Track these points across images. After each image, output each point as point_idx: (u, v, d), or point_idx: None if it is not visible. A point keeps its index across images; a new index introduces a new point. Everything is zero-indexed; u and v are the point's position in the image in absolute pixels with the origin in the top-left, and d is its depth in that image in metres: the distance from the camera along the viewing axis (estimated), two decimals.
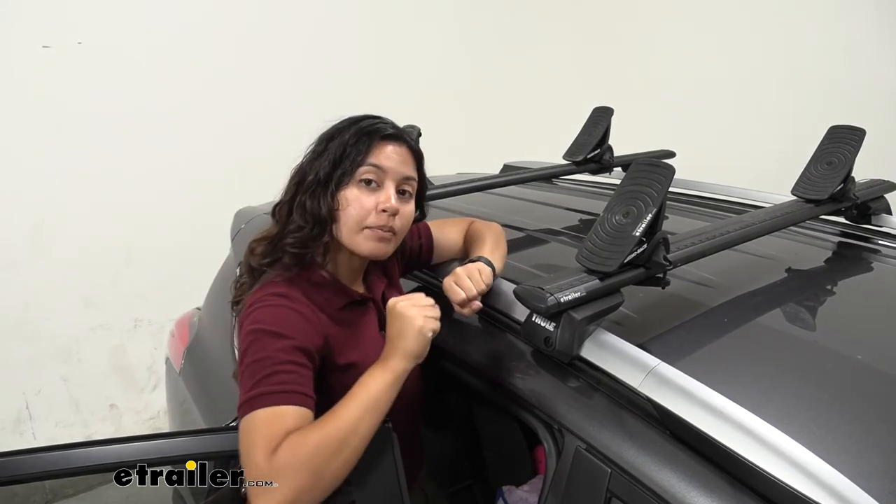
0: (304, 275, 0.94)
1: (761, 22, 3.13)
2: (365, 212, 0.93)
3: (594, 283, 0.86)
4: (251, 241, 1.00)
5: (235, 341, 0.95)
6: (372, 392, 0.82)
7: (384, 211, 0.94)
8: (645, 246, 0.88)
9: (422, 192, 1.05)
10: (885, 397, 0.79)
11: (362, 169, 0.93)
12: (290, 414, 0.78)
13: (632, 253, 0.87)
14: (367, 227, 0.94)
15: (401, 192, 0.97)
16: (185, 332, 1.79)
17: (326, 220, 0.93)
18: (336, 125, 0.98)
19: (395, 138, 0.97)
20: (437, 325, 0.89)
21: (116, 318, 2.69)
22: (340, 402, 0.81)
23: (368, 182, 0.94)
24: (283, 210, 0.97)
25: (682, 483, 0.69)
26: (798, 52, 3.01)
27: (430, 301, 0.90)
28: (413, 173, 0.99)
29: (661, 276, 0.92)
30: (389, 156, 0.95)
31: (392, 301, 0.90)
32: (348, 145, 0.93)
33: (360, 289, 1.04)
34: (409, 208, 1.00)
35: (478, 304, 0.98)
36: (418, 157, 1.01)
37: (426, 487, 1.38)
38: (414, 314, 0.87)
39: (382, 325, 1.03)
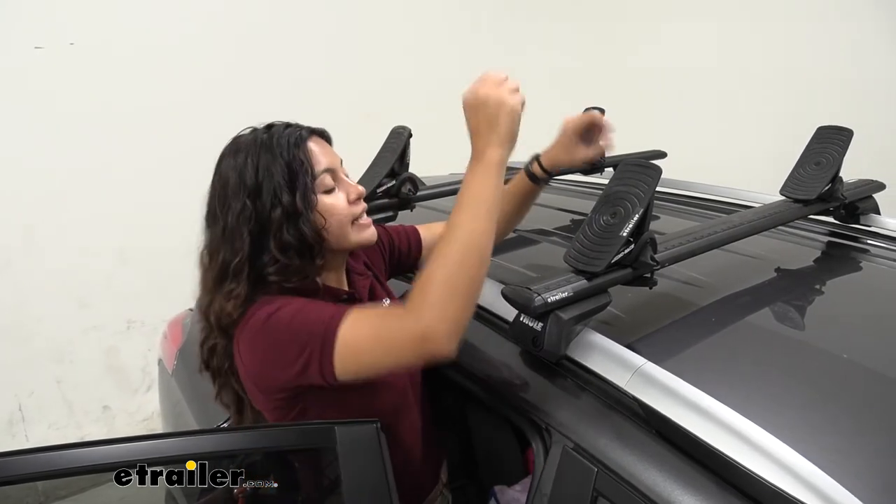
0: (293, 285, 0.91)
1: (760, 22, 3.14)
2: (346, 211, 0.93)
3: (581, 283, 0.87)
4: (214, 309, 0.89)
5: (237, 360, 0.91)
6: (476, 191, 0.79)
7: (357, 200, 0.94)
8: (632, 246, 0.89)
9: None
10: (870, 396, 0.80)
11: (319, 179, 0.90)
12: (362, 308, 0.82)
13: (619, 253, 0.88)
14: (354, 222, 0.94)
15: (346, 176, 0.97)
16: (177, 334, 1.79)
17: (315, 243, 0.89)
18: (244, 157, 0.88)
19: (314, 133, 0.94)
20: (523, 96, 0.82)
21: (110, 319, 2.68)
22: (450, 218, 0.79)
23: (331, 186, 0.92)
24: (245, 266, 0.87)
25: (668, 482, 0.70)
26: (797, 52, 3.02)
27: (504, 74, 0.83)
28: None
29: (648, 276, 0.92)
30: (324, 152, 0.93)
31: (468, 92, 0.83)
32: (292, 163, 0.88)
33: (345, 288, 1.02)
34: None
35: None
36: (329, 137, 0.99)
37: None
38: (501, 94, 0.81)
39: None
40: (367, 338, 0.79)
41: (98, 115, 2.48)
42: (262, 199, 0.87)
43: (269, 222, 0.87)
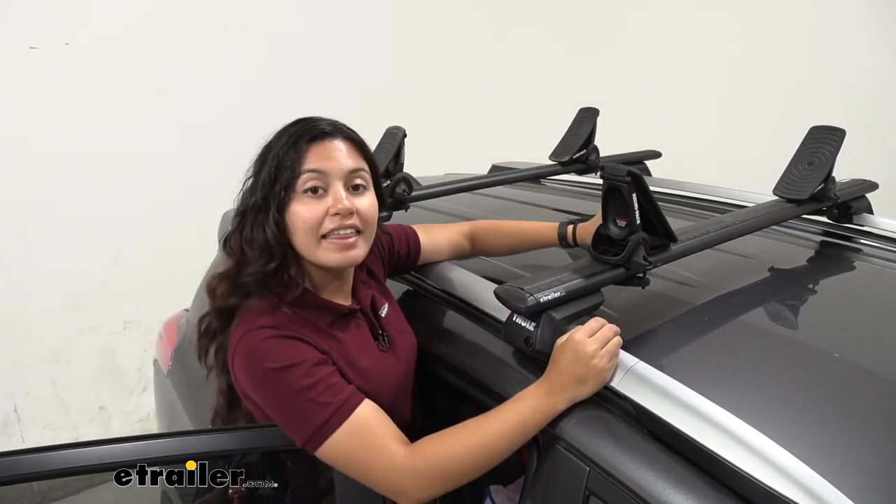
0: (284, 295, 0.88)
1: (755, 22, 3.15)
2: (316, 221, 0.85)
3: (574, 282, 0.87)
4: (209, 280, 0.92)
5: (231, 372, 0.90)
6: (527, 417, 0.80)
7: (337, 214, 0.85)
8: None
9: (377, 180, 0.96)
10: (860, 395, 0.80)
11: (302, 178, 0.84)
12: (366, 413, 0.81)
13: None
14: (324, 237, 0.86)
15: (353, 188, 0.89)
16: (173, 334, 1.79)
17: (277, 248, 0.85)
18: (269, 139, 0.90)
19: (328, 135, 0.88)
20: (617, 363, 0.81)
21: (105, 319, 2.68)
22: (489, 416, 0.81)
23: (314, 190, 0.86)
24: (234, 243, 0.88)
25: (660, 481, 0.70)
26: (790, 51, 3.02)
27: (614, 333, 0.82)
28: (361, 163, 0.90)
29: (641, 275, 0.93)
30: (328, 155, 0.86)
31: (579, 336, 0.80)
32: (282, 157, 0.85)
33: (347, 301, 0.98)
34: (368, 199, 0.90)
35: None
36: (362, 146, 0.92)
37: None
38: (603, 367, 0.79)
39: (375, 335, 1.00)
40: (351, 461, 0.81)
41: (94, 115, 2.48)
42: (252, 186, 0.89)
43: (246, 212, 0.88)
